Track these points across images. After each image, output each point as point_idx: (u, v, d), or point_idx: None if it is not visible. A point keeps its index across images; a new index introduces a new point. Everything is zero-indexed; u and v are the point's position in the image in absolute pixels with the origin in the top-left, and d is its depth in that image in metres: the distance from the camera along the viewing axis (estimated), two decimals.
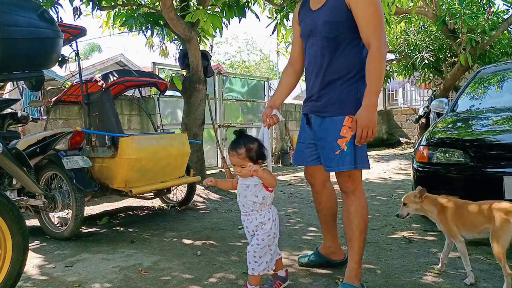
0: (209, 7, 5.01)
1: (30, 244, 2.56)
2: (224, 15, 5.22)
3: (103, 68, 13.28)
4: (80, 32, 3.86)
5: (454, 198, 2.49)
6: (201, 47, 5.98)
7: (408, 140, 14.57)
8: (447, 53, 10.85)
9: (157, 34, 6.16)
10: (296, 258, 2.85)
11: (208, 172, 6.92)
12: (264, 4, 6.45)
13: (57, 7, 4.77)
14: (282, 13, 5.82)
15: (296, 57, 2.53)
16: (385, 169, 8.02)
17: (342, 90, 2.15)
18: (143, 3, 6.07)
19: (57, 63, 3.23)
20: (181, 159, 4.35)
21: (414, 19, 10.02)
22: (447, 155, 3.30)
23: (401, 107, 16.23)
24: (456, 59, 9.65)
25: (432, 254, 2.84)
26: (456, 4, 8.34)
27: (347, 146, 2.11)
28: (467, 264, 2.32)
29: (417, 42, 11.06)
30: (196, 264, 2.80)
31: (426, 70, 11.11)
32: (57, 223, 3.80)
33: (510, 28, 9.24)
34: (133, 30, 5.87)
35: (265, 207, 2.15)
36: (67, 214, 3.69)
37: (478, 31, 8.30)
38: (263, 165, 2.16)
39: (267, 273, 2.20)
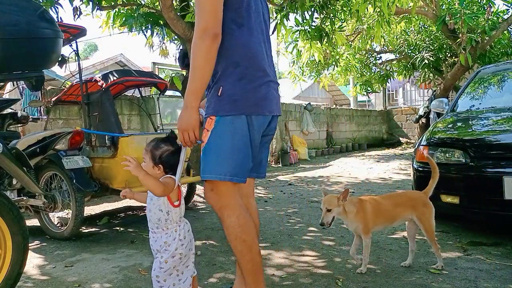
0: None
1: (30, 244, 2.56)
2: None
3: (103, 68, 13.26)
4: (80, 32, 3.86)
5: (369, 196, 2.59)
6: None
7: (408, 140, 14.58)
8: (447, 53, 10.85)
9: (157, 34, 6.17)
10: (296, 258, 2.85)
11: None
12: None
13: (57, 7, 4.77)
14: (282, 13, 5.82)
15: None
16: (385, 169, 8.02)
17: (212, 87, 1.81)
18: (143, 3, 6.07)
19: (57, 63, 3.23)
20: None
21: (414, 19, 10.02)
22: (447, 155, 3.30)
23: (401, 107, 16.25)
24: (456, 59, 9.65)
25: (432, 254, 2.84)
26: (456, 4, 8.34)
27: (202, 152, 1.80)
28: (367, 256, 2.48)
29: (417, 42, 11.07)
30: (196, 264, 2.79)
31: (426, 70, 11.12)
32: (57, 223, 3.80)
33: (510, 28, 9.25)
34: (133, 30, 5.87)
35: (172, 224, 1.84)
36: (67, 214, 3.69)
37: (478, 31, 8.30)
38: (168, 175, 1.84)
39: None
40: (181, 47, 5.98)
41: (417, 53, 10.74)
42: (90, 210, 4.91)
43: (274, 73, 1.94)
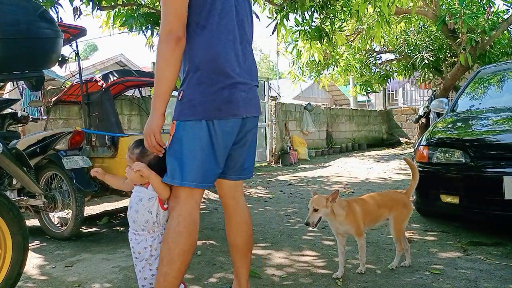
0: None
1: (30, 244, 2.56)
2: None
3: (103, 68, 13.26)
4: (80, 32, 3.86)
5: (355, 198, 2.57)
6: None
7: (408, 140, 14.58)
8: (447, 53, 10.85)
9: (157, 34, 6.15)
10: (296, 258, 2.85)
11: None
12: (264, 4, 6.45)
13: (57, 7, 4.76)
14: (282, 13, 5.82)
15: None
16: (385, 169, 8.02)
17: (178, 92, 1.80)
18: (143, 3, 6.07)
19: (57, 63, 3.23)
20: None
21: (414, 19, 10.02)
22: (447, 155, 3.30)
23: (401, 107, 16.25)
24: (456, 59, 9.65)
25: (432, 254, 2.84)
26: (456, 4, 8.33)
27: (166, 156, 1.80)
28: (364, 256, 2.47)
29: (417, 42, 11.07)
30: (196, 264, 2.80)
31: (426, 70, 11.12)
32: (57, 223, 3.80)
33: (510, 28, 9.24)
34: (133, 30, 5.86)
35: (159, 227, 1.85)
36: (67, 214, 3.69)
37: (478, 31, 8.30)
38: None
39: None
40: None
41: (417, 53, 10.74)
42: (90, 210, 4.91)
43: (250, 73, 1.87)
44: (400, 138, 15.01)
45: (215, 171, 1.81)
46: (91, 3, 5.11)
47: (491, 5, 8.83)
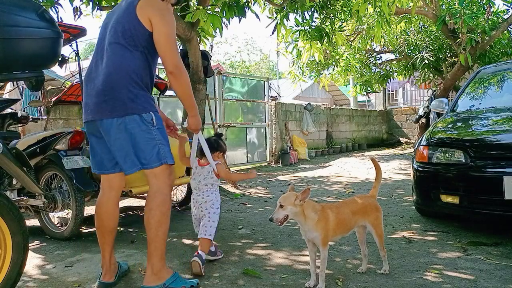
0: (209, 7, 5.01)
1: (30, 244, 2.56)
2: (224, 15, 5.21)
3: None
4: (80, 32, 3.86)
5: (330, 204, 2.45)
6: (201, 47, 5.98)
7: (408, 140, 14.58)
8: (447, 53, 10.86)
9: None
10: (296, 258, 2.85)
11: None
12: (264, 4, 6.45)
13: (57, 7, 4.77)
14: (282, 13, 5.82)
15: None
16: (385, 169, 8.02)
17: None
18: None
19: (57, 63, 3.23)
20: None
21: (414, 19, 10.02)
22: (447, 155, 3.30)
23: (401, 107, 16.25)
24: (456, 59, 9.65)
25: (432, 254, 2.84)
26: (456, 4, 8.34)
27: None
28: (324, 270, 2.25)
29: (417, 42, 11.07)
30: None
31: (426, 70, 11.12)
32: (57, 223, 3.80)
33: (510, 28, 9.25)
34: None
35: (214, 187, 2.81)
36: (67, 214, 3.68)
37: (478, 31, 8.30)
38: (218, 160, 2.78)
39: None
40: (181, 47, 5.98)
41: (417, 53, 10.74)
42: (90, 210, 4.91)
43: (98, 78, 2.19)
44: (400, 138, 15.01)
45: (95, 163, 2.48)
46: (91, 3, 5.11)
47: (491, 5, 8.84)
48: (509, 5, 8.73)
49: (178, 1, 2.49)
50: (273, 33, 5.98)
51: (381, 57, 13.06)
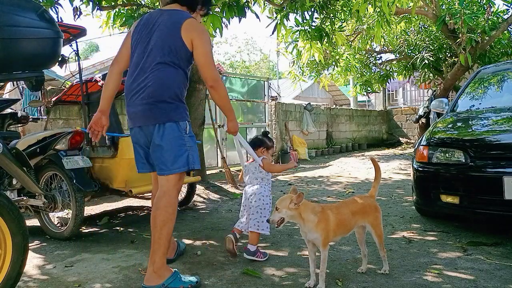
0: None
1: (30, 244, 2.56)
2: (224, 15, 5.21)
3: (103, 68, 13.27)
4: (80, 32, 3.86)
5: (330, 205, 2.44)
6: None
7: (408, 140, 14.58)
8: (447, 53, 10.86)
9: None
10: (296, 258, 2.85)
11: (208, 172, 6.92)
12: (264, 4, 6.45)
13: (57, 7, 4.77)
14: (282, 13, 5.82)
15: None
16: (385, 169, 8.01)
17: None
18: (143, 3, 6.07)
19: (57, 63, 3.23)
20: None
21: (414, 19, 10.03)
22: (447, 155, 3.30)
23: (401, 107, 16.25)
24: (456, 59, 9.66)
25: (432, 254, 2.84)
26: (456, 4, 8.35)
27: None
28: (325, 271, 2.26)
29: (417, 42, 11.07)
30: (196, 264, 2.80)
31: (426, 70, 11.12)
32: (57, 223, 3.80)
33: (510, 28, 9.25)
34: None
35: (264, 181, 2.97)
36: (67, 214, 3.69)
37: (478, 31, 8.30)
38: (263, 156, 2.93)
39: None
40: None
41: (417, 53, 10.74)
42: (90, 210, 4.92)
43: (146, 90, 2.37)
44: (400, 138, 15.02)
45: (139, 164, 2.62)
46: (91, 3, 5.11)
47: (491, 5, 8.84)
48: (509, 5, 8.74)
49: (207, 12, 2.71)
50: (273, 33, 5.98)
51: (381, 57, 13.07)
